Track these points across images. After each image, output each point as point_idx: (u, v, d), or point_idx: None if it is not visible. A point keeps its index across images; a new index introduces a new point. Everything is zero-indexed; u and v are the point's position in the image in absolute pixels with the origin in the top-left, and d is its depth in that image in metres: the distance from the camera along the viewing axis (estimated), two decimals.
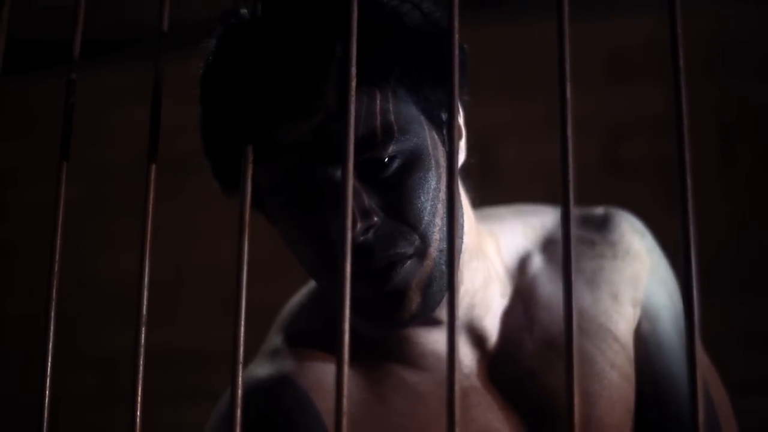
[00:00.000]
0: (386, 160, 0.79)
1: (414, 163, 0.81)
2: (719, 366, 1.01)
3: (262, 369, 0.92)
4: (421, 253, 0.82)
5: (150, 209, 0.41)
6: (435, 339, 0.90)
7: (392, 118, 0.80)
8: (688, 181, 0.41)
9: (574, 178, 0.44)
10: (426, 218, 0.81)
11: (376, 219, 0.79)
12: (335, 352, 0.44)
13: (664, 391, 0.94)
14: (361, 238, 0.79)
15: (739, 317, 2.39)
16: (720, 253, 2.39)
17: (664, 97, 2.13)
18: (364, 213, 0.79)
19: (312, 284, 0.99)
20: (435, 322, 0.90)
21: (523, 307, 0.94)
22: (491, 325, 0.93)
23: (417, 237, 0.81)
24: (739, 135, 2.50)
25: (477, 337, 0.93)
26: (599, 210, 1.01)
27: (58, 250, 0.43)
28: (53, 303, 0.44)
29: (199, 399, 0.95)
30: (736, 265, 2.42)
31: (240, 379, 0.41)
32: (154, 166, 0.43)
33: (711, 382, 0.98)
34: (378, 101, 0.79)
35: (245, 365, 0.93)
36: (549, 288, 0.95)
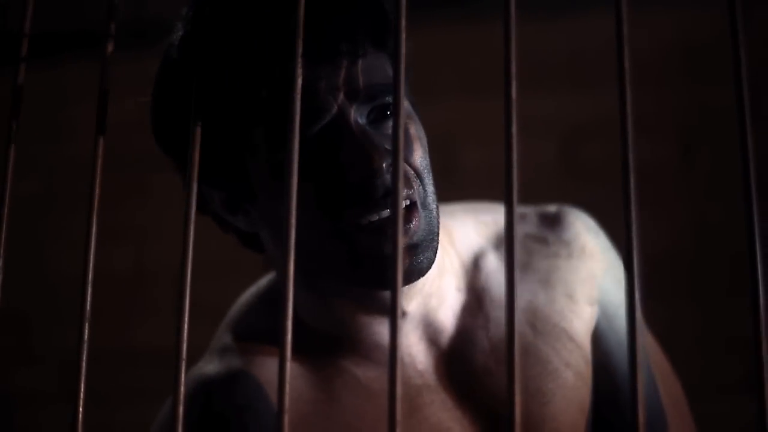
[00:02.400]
0: (390, 110, 0.84)
1: (411, 117, 0.86)
2: (687, 368, 1.02)
3: (212, 366, 0.91)
4: (423, 202, 0.84)
5: (95, 207, 0.41)
6: None
7: (388, 74, 0.85)
8: (631, 180, 0.42)
9: (519, 179, 0.45)
10: (425, 168, 0.85)
11: (389, 158, 0.82)
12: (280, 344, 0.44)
13: (622, 391, 0.95)
14: (386, 177, 0.81)
15: (696, 320, 2.42)
16: (677, 257, 2.41)
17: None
18: (383, 151, 0.81)
19: (259, 284, 0.98)
20: None
21: (478, 304, 0.94)
22: (446, 319, 0.93)
23: (420, 183, 0.84)
24: (699, 139, 2.53)
25: (432, 332, 0.92)
26: (552, 208, 1.01)
27: (2, 245, 0.42)
28: None
29: (156, 397, 0.95)
30: (694, 269, 2.45)
31: (183, 376, 0.41)
32: (99, 163, 0.43)
33: (662, 376, 0.98)
34: (374, 60, 0.85)
35: (195, 362, 0.93)
36: (504, 287, 0.94)
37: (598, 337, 0.96)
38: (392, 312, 0.41)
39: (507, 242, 0.44)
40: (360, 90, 0.82)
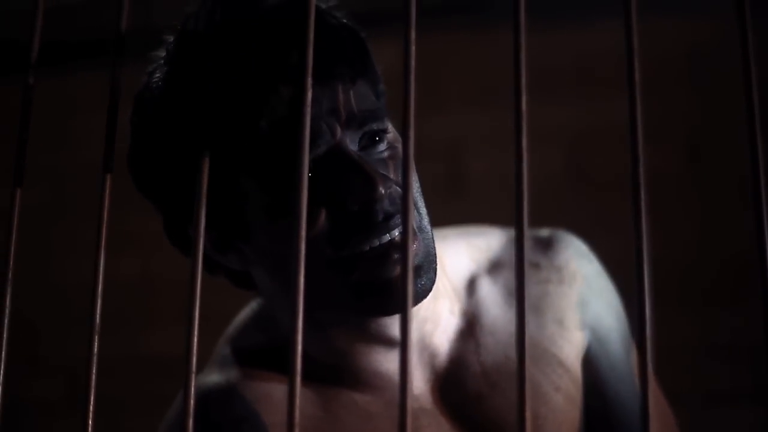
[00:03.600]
0: (378, 136, 0.84)
1: (397, 143, 0.85)
2: (677, 377, 1.02)
3: (211, 378, 0.91)
4: (420, 225, 0.85)
5: (105, 216, 0.41)
6: (390, 358, 0.89)
7: (374, 100, 0.86)
8: (641, 192, 0.42)
9: (530, 193, 0.45)
10: (417, 191, 0.86)
11: (389, 183, 0.82)
12: (288, 363, 0.44)
13: (614, 411, 0.96)
14: (385, 202, 0.81)
15: (705, 328, 2.41)
16: (684, 264, 2.41)
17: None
18: (382, 177, 0.81)
19: (254, 304, 0.98)
20: (393, 342, 0.89)
21: (469, 329, 0.95)
22: (440, 343, 0.93)
23: (415, 206, 0.84)
24: (706, 146, 2.53)
25: (428, 356, 0.92)
26: (545, 232, 1.02)
27: (12, 255, 0.42)
28: (7, 309, 0.44)
29: (165, 405, 0.95)
30: (700, 276, 2.44)
31: (192, 387, 0.41)
32: (109, 175, 0.43)
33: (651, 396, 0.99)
34: (362, 87, 0.85)
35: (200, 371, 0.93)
36: (494, 313, 0.96)
37: (589, 361, 0.97)
38: (402, 333, 0.41)
39: (517, 259, 0.44)
40: (351, 116, 0.82)
